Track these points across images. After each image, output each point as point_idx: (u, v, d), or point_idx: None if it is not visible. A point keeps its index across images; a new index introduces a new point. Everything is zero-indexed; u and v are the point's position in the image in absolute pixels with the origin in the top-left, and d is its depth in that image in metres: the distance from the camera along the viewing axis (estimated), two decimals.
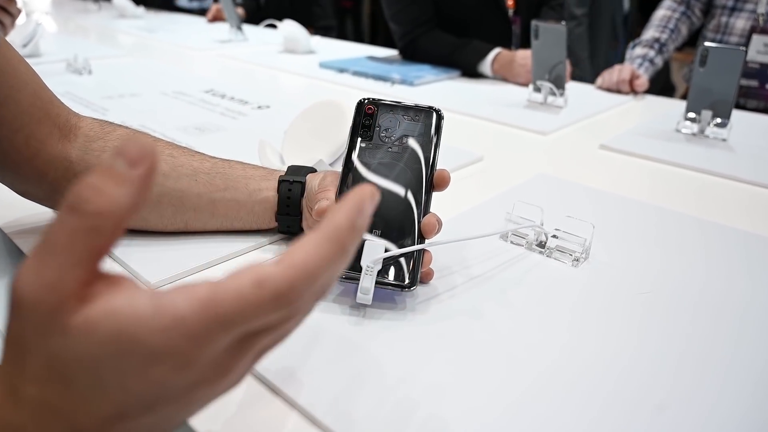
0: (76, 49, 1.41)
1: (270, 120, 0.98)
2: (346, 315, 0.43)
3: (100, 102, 1.03)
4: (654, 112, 1.16)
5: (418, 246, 0.44)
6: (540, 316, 0.44)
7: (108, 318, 0.20)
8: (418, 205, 0.46)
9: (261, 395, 0.36)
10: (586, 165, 0.84)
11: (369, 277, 0.42)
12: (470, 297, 0.47)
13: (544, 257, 0.54)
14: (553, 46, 1.11)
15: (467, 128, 1.01)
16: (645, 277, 0.51)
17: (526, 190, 0.71)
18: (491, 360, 0.39)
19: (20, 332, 0.21)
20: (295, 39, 1.67)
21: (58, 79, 1.20)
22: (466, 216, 0.62)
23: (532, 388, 0.37)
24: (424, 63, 1.50)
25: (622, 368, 0.39)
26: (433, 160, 0.48)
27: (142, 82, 1.23)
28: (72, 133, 0.50)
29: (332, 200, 0.46)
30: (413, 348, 0.40)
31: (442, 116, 0.49)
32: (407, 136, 0.48)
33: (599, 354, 0.40)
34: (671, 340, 0.42)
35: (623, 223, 0.62)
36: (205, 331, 0.21)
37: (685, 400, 0.36)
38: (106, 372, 0.20)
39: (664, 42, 1.49)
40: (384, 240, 0.44)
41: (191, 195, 0.50)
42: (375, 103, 0.50)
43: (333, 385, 0.36)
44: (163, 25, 2.20)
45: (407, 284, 0.43)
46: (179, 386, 0.22)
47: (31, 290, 0.20)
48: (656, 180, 0.79)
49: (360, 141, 0.48)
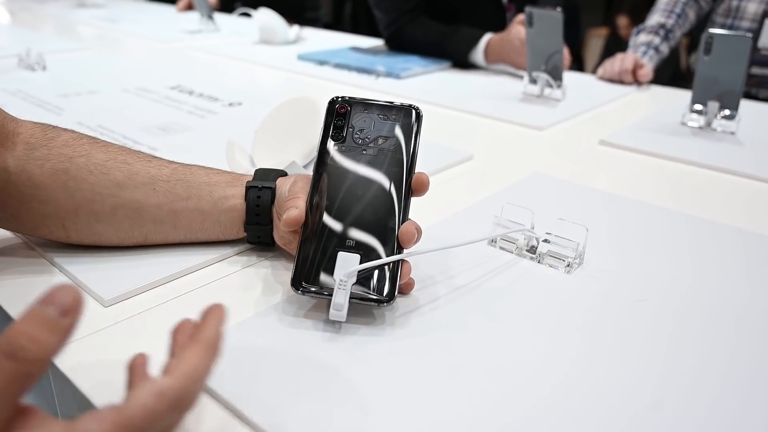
0: (29, 43, 1.40)
1: (242, 118, 0.98)
2: (320, 331, 0.43)
3: (54, 101, 1.03)
4: (659, 104, 1.18)
5: (394, 257, 0.44)
6: (529, 328, 0.45)
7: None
8: (395, 213, 0.46)
9: (226, 423, 0.36)
10: (584, 162, 0.85)
11: (342, 291, 0.42)
12: (454, 309, 0.47)
13: (534, 263, 0.54)
14: (548, 34, 1.12)
15: (457, 124, 1.02)
16: (643, 283, 0.52)
17: (518, 191, 0.71)
18: (477, 377, 0.40)
19: None
20: (272, 29, 1.67)
21: (8, 76, 1.20)
22: (452, 220, 0.63)
23: (520, 407, 0.37)
24: (412, 53, 1.51)
25: (621, 384, 0.40)
26: (411, 163, 0.48)
27: (102, 78, 1.23)
28: (9, 140, 0.49)
29: (302, 209, 0.46)
30: (392, 365, 0.40)
31: (421, 115, 0.50)
32: (383, 137, 0.49)
33: (594, 369, 0.41)
34: (674, 353, 0.43)
35: (622, 226, 0.63)
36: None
37: (692, 421, 0.37)
38: None
39: (671, 28, 1.51)
40: (358, 251, 0.45)
41: (150, 206, 0.50)
42: (348, 102, 0.50)
43: (305, 408, 0.36)
44: (126, 15, 2.20)
45: (385, 298, 0.44)
46: None
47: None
48: (660, 178, 0.80)
49: (332, 143, 0.49)
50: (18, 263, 0.52)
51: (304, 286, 0.44)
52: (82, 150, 0.50)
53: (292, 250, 0.50)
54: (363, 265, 0.43)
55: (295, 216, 0.45)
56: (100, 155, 0.51)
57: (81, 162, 0.49)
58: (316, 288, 0.44)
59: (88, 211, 0.49)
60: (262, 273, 0.52)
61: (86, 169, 0.49)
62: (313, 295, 0.44)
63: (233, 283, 0.50)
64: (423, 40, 1.47)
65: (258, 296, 0.48)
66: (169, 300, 0.48)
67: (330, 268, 0.44)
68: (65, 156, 0.49)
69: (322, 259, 0.44)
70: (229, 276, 0.51)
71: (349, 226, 0.46)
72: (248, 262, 0.53)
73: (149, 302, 0.47)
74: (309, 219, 0.46)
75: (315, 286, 0.44)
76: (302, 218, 0.46)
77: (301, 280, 0.44)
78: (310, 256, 0.45)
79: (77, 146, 0.51)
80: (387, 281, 0.44)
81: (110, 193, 0.49)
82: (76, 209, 0.49)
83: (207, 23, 1.91)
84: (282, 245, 0.52)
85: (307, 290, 0.44)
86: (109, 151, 0.52)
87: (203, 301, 0.47)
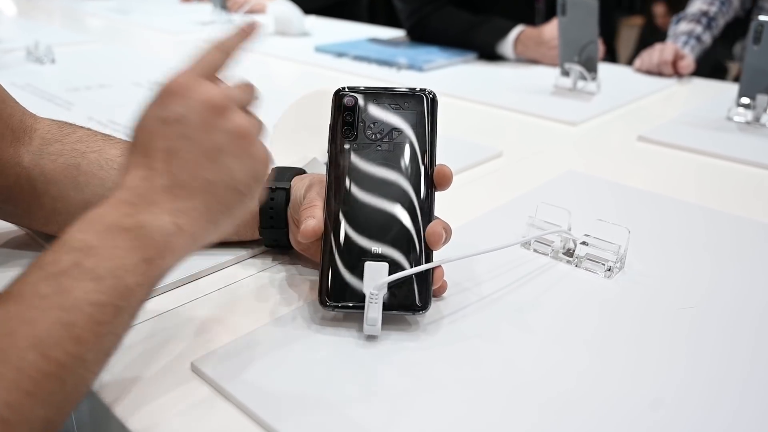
0: (38, 35, 1.42)
1: (257, 112, 0.98)
2: (348, 337, 0.43)
3: (64, 95, 1.04)
4: (701, 98, 1.16)
5: (425, 266, 0.44)
6: (566, 339, 0.44)
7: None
8: (419, 212, 0.46)
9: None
10: (622, 160, 0.84)
11: (375, 305, 0.42)
12: (486, 316, 0.47)
13: (572, 267, 0.54)
14: (583, 23, 1.11)
15: (484, 119, 1.01)
16: (689, 289, 0.51)
17: (552, 190, 0.71)
18: (509, 393, 0.39)
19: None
20: (287, 19, 1.68)
21: (16, 69, 1.22)
22: (482, 221, 0.62)
23: (557, 424, 0.37)
24: (436, 44, 1.51)
25: (668, 400, 0.39)
26: (431, 155, 0.47)
27: (113, 71, 1.24)
28: (27, 135, 0.51)
29: (319, 218, 0.45)
30: (423, 376, 0.40)
31: (436, 99, 0.48)
32: (397, 129, 0.47)
33: (637, 382, 0.40)
34: (726, 366, 0.42)
35: (664, 227, 0.62)
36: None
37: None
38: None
39: (713, 16, 1.49)
40: (385, 259, 0.44)
41: None
42: (355, 93, 0.48)
43: (331, 420, 0.36)
44: (136, 6, 2.22)
45: (420, 306, 0.43)
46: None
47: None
48: (704, 176, 0.79)
49: (343, 141, 0.47)
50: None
51: (333, 302, 0.43)
52: (96, 146, 0.52)
53: (311, 255, 0.50)
54: (393, 276, 0.43)
55: (312, 227, 0.45)
56: (112, 151, 0.52)
57: (93, 157, 0.51)
58: (345, 303, 0.43)
59: None
60: (279, 277, 0.52)
61: (97, 164, 0.51)
62: (343, 310, 0.44)
63: (250, 286, 0.51)
64: (448, 31, 1.47)
65: (276, 301, 0.48)
66: (187, 302, 0.48)
67: (358, 279, 0.43)
68: (78, 151, 0.51)
69: (348, 272, 0.44)
70: (245, 279, 0.51)
71: (373, 233, 0.45)
72: (263, 266, 0.53)
73: (167, 304, 0.47)
74: (328, 227, 0.45)
75: (344, 300, 0.43)
76: (320, 229, 0.45)
77: (328, 296, 0.44)
78: (335, 269, 0.44)
79: (91, 142, 0.52)
80: (421, 288, 0.44)
81: None
82: (85, 206, 0.50)
83: (220, 14, 1.92)
84: (300, 250, 0.52)
85: (337, 306, 0.43)
86: (121, 147, 0.53)
87: (219, 305, 0.48)
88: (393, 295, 0.43)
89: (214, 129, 0.37)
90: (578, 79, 1.14)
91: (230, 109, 0.38)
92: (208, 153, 0.37)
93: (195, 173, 0.37)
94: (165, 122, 0.37)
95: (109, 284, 0.32)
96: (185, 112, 0.37)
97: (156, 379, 0.40)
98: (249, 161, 0.39)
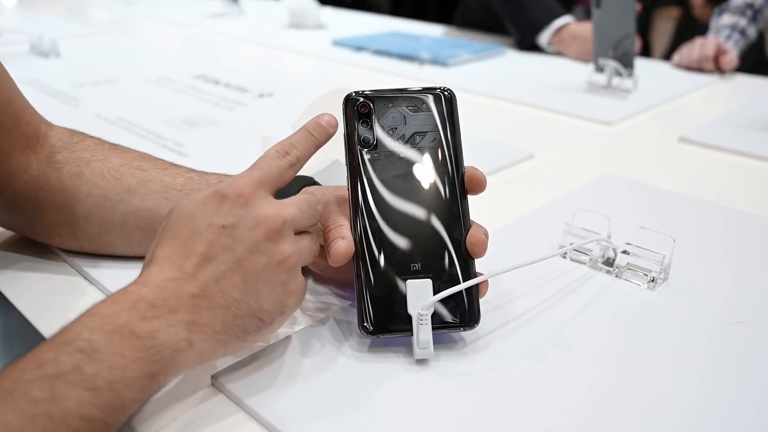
0: (42, 28, 1.44)
1: (273, 111, 0.99)
2: (401, 359, 0.43)
3: (70, 91, 1.05)
4: (746, 96, 1.15)
5: (473, 281, 0.43)
6: (607, 353, 0.44)
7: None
8: (454, 221, 0.45)
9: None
10: (662, 162, 0.83)
11: (425, 327, 0.42)
12: (525, 334, 0.46)
13: (612, 278, 0.53)
14: (619, 16, 1.10)
15: (513, 118, 1.01)
16: (739, 302, 0.50)
17: (588, 195, 0.70)
18: (553, 417, 0.39)
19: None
20: (303, 11, 1.69)
21: (20, 63, 1.24)
22: (514, 228, 0.62)
23: None
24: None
25: (716, 420, 0.39)
26: (457, 159, 0.46)
27: (120, 66, 1.25)
28: (39, 143, 0.52)
29: (349, 239, 0.44)
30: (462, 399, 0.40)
31: (454, 97, 0.48)
32: (419, 133, 0.47)
33: (684, 401, 0.40)
34: None
35: (711, 236, 0.62)
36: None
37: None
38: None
39: (759, 7, 1.47)
40: (427, 275, 0.44)
41: (161, 216, 0.50)
42: (369, 98, 0.47)
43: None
44: None
45: (469, 322, 0.43)
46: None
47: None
48: (752, 181, 0.78)
49: (363, 151, 0.46)
50: (41, 268, 0.53)
51: (377, 328, 0.43)
52: (101, 155, 0.53)
53: (330, 275, 0.50)
54: (440, 294, 0.42)
55: (345, 248, 0.43)
56: (116, 160, 0.53)
57: (96, 166, 0.52)
58: (391, 327, 0.43)
59: (99, 218, 0.51)
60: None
61: (100, 174, 0.52)
62: (389, 335, 0.43)
63: None
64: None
65: (299, 312, 0.49)
66: None
67: (401, 301, 0.43)
68: (83, 160, 0.52)
69: (389, 293, 0.43)
70: None
71: (410, 248, 0.44)
72: None
73: None
74: (359, 247, 0.44)
75: (390, 325, 0.43)
76: (352, 249, 0.44)
77: (372, 322, 0.43)
78: (374, 292, 0.43)
79: (97, 151, 0.53)
80: (470, 301, 0.44)
81: (120, 200, 0.51)
82: (86, 216, 0.52)
83: (231, 5, 1.94)
84: (317, 271, 0.51)
85: (382, 332, 0.43)
86: (126, 156, 0.54)
87: None
88: (440, 313, 0.43)
89: (258, 251, 0.38)
90: (613, 75, 1.14)
91: (282, 235, 0.39)
92: (244, 272, 0.38)
93: (224, 289, 0.37)
94: (212, 227, 0.38)
95: (104, 398, 0.32)
96: (237, 224, 0.38)
97: (176, 393, 0.40)
98: (281, 292, 0.39)
